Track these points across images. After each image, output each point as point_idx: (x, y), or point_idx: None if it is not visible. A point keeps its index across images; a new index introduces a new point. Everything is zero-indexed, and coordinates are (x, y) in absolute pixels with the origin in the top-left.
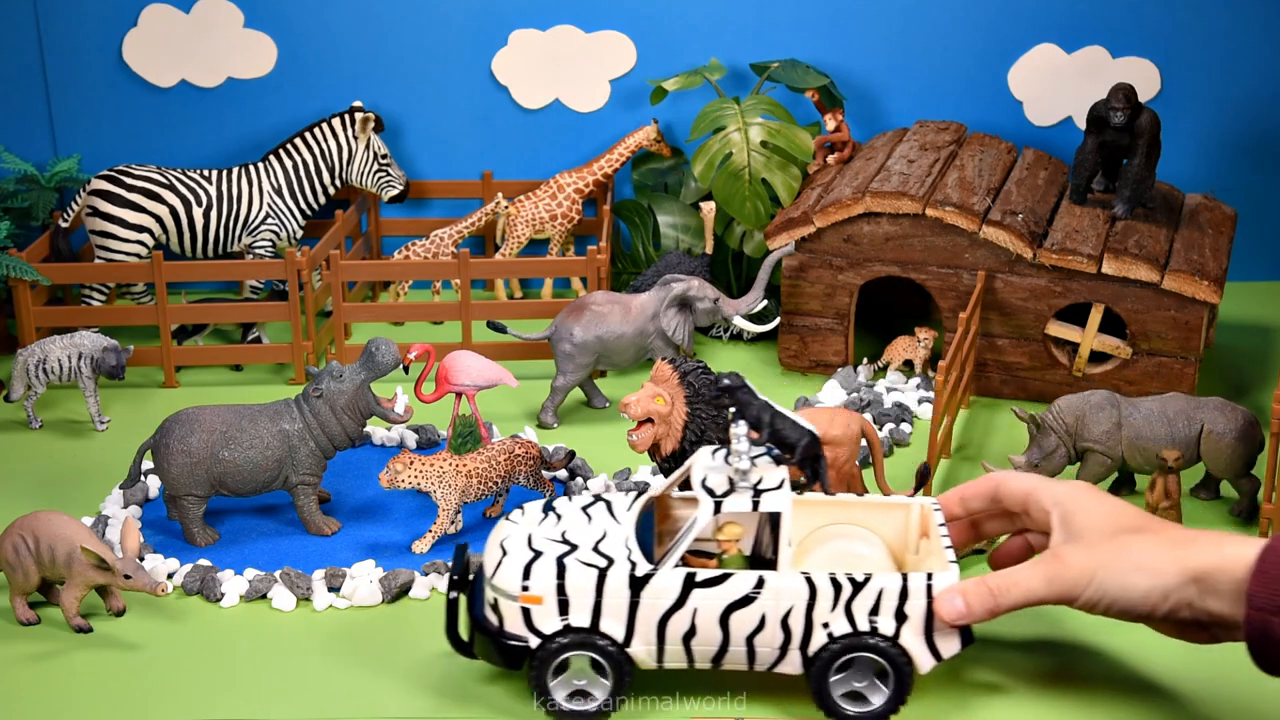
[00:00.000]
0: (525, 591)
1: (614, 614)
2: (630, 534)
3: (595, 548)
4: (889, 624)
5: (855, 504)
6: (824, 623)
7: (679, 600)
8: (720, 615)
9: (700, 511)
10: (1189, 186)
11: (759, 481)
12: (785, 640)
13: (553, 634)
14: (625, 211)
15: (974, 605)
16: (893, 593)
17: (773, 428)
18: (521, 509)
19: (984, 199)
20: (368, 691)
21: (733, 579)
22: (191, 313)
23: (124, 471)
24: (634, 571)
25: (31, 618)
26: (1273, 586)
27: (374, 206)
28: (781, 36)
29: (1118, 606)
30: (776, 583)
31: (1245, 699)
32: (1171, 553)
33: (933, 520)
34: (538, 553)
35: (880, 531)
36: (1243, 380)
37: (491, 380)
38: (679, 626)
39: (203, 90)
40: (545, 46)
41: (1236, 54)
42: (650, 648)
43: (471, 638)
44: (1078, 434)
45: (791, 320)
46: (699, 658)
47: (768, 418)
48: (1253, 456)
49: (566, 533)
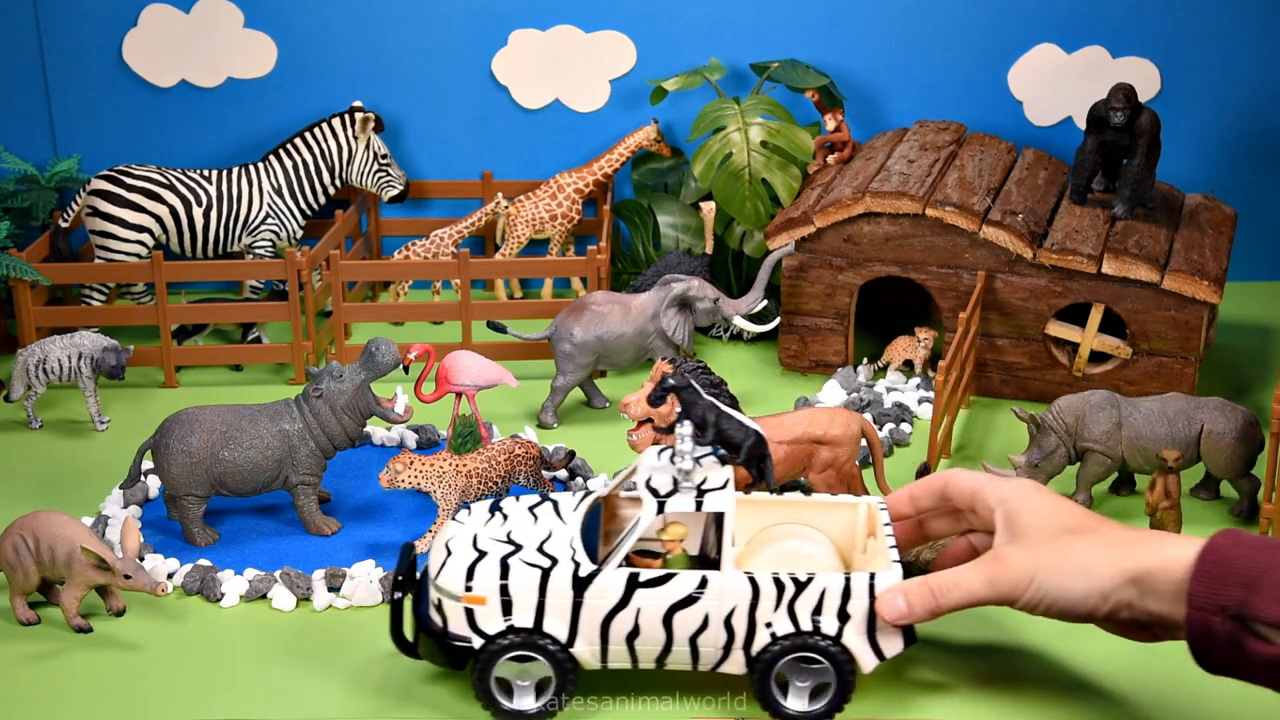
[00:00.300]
0: (469, 592)
1: (557, 614)
2: (575, 534)
3: (540, 548)
4: (832, 624)
5: (803, 503)
6: (767, 622)
7: (622, 600)
8: (664, 615)
9: (644, 512)
10: (1189, 186)
11: (703, 482)
12: (728, 640)
13: (496, 634)
14: (625, 211)
15: (915, 606)
16: (835, 592)
17: (718, 428)
18: (469, 509)
19: (984, 199)
20: (368, 691)
21: (676, 579)
22: (191, 313)
23: (124, 471)
24: (577, 572)
25: (31, 618)
26: (1212, 586)
27: (374, 206)
28: (781, 36)
29: (1057, 608)
30: (719, 583)
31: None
32: (1110, 554)
33: (879, 520)
34: (482, 553)
35: (828, 531)
36: (1243, 380)
37: (491, 380)
38: (622, 627)
39: (203, 90)
40: (545, 46)
41: (1236, 54)
42: (594, 648)
43: (416, 638)
44: (1078, 434)
45: (791, 320)
46: (643, 658)
47: (713, 418)
48: (1253, 456)
49: (512, 533)
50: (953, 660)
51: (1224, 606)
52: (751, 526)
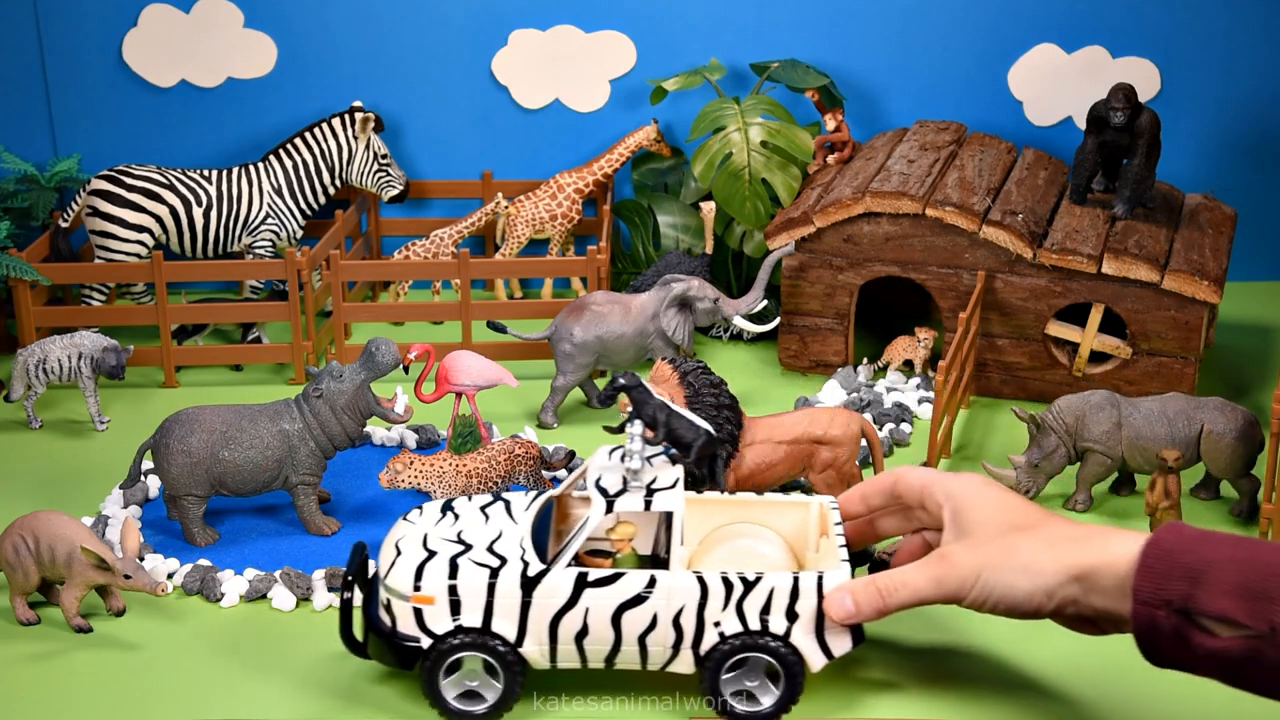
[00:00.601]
0: (418, 592)
1: (506, 614)
2: (526, 533)
3: (490, 548)
4: (780, 623)
5: (756, 503)
6: (715, 622)
7: (571, 600)
8: (612, 615)
9: (592, 511)
10: (1189, 186)
11: (653, 481)
12: (677, 639)
13: (445, 634)
14: (625, 211)
15: (863, 606)
16: (784, 592)
17: (668, 427)
18: (420, 508)
19: (984, 199)
20: (368, 690)
21: (624, 578)
22: (191, 313)
23: (124, 471)
24: (526, 571)
25: (31, 618)
26: (1157, 581)
27: (374, 206)
28: (781, 36)
29: (1003, 605)
30: (668, 582)
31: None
32: (1054, 551)
33: (831, 519)
34: (431, 553)
35: (780, 530)
36: (1243, 380)
37: (491, 380)
38: (571, 626)
39: (203, 90)
40: (545, 46)
41: (1236, 54)
42: (543, 647)
43: (366, 637)
44: (1078, 434)
45: (791, 320)
46: (592, 657)
47: (663, 417)
48: (1253, 456)
49: (462, 533)
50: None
51: (1169, 601)
52: (704, 526)
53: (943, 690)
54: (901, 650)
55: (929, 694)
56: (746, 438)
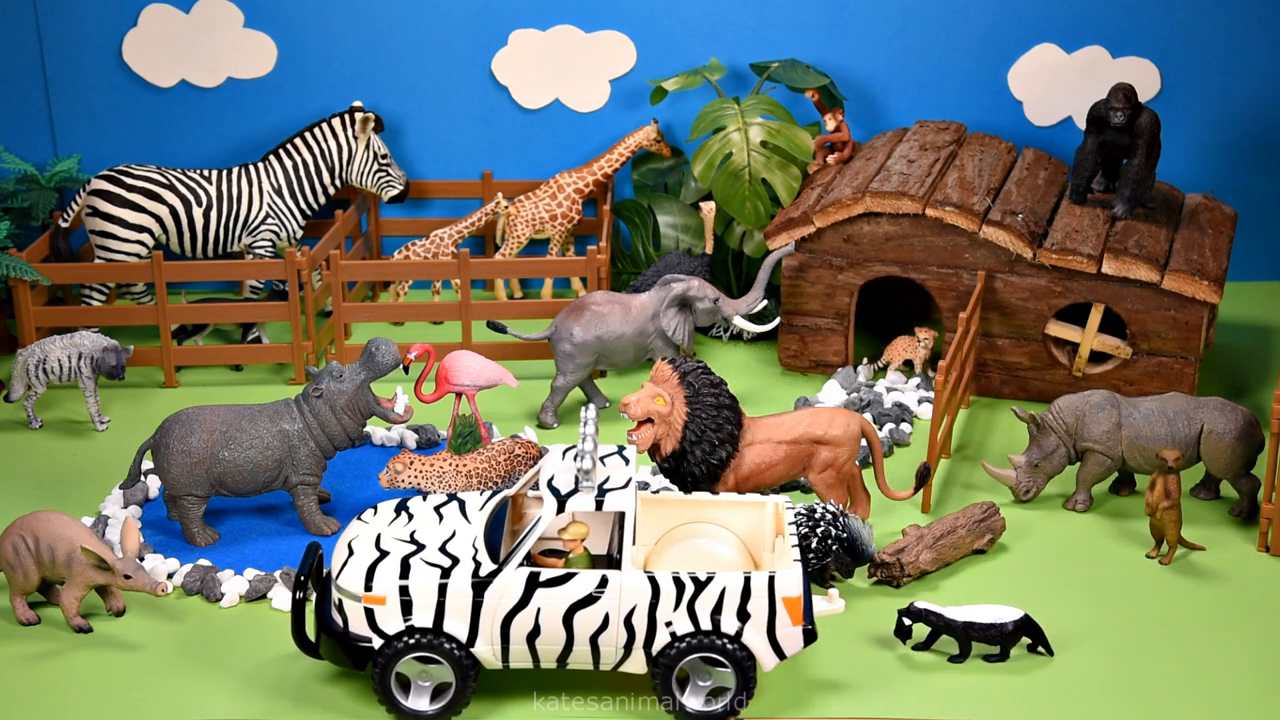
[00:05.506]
0: (369, 592)
1: (457, 614)
2: (479, 534)
3: (442, 548)
4: (732, 623)
5: (711, 503)
6: (667, 621)
7: (522, 600)
8: (564, 615)
9: (544, 510)
10: (1189, 186)
11: (605, 481)
12: (629, 639)
13: (396, 634)
14: (625, 211)
15: None
16: (735, 592)
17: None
18: (374, 508)
19: (984, 199)
20: (367, 689)
21: (576, 579)
22: (191, 313)
23: (124, 471)
24: (477, 571)
25: (31, 618)
26: None
27: (374, 206)
28: (781, 36)
29: None
30: (619, 582)
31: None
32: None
33: (785, 519)
34: (384, 553)
35: (736, 530)
36: (1243, 380)
37: (491, 380)
38: (523, 626)
39: (203, 90)
40: (545, 46)
41: (1236, 54)
42: (494, 647)
43: (318, 638)
44: (1078, 434)
45: (791, 320)
46: (544, 657)
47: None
48: (1253, 456)
49: (416, 533)
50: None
51: None
52: (661, 526)
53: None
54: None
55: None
56: (746, 438)
